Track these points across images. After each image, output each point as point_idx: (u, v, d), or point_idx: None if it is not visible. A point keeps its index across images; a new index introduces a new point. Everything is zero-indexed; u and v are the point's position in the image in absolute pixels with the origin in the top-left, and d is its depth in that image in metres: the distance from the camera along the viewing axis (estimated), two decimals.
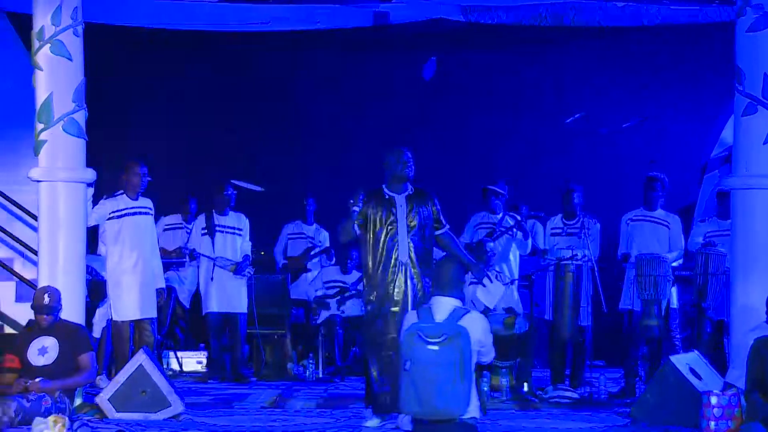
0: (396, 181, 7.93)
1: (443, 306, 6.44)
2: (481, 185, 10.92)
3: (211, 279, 10.75)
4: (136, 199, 9.40)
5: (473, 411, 6.34)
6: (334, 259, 11.58)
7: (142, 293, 9.28)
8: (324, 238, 11.69)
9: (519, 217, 10.74)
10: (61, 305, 7.99)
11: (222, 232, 10.80)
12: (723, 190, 9.62)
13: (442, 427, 6.27)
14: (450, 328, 6.26)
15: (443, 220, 8.00)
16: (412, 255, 7.77)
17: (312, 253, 11.56)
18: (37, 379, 7.68)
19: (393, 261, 7.76)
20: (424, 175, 8.58)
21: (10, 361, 7.91)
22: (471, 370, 6.26)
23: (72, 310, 8.19)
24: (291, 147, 13.01)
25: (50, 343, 7.88)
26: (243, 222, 10.93)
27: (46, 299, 7.91)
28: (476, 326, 6.37)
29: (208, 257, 10.70)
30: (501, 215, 10.80)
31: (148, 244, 9.40)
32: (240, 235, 10.87)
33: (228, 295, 10.76)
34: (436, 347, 6.18)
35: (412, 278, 7.75)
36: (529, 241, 10.70)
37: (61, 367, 7.82)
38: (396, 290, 7.75)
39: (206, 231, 10.76)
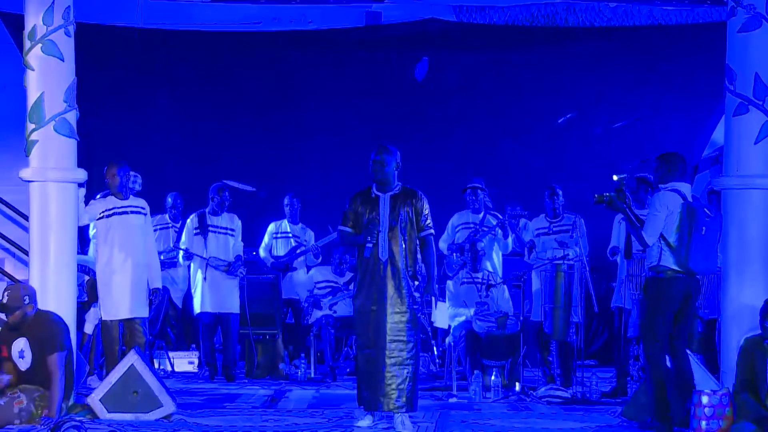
0: (374, 180, 7.90)
1: (689, 191, 7.70)
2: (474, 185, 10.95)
3: (204, 279, 10.75)
4: (126, 199, 9.36)
5: None
6: (320, 257, 11.57)
7: (132, 293, 9.22)
8: (310, 237, 11.69)
9: (501, 216, 10.77)
10: (27, 302, 7.77)
11: (215, 232, 10.80)
12: (714, 190, 9.63)
13: (696, 280, 7.68)
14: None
15: (425, 224, 7.83)
16: (395, 254, 7.73)
17: (298, 252, 11.56)
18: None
19: (375, 259, 7.75)
20: (416, 176, 8.58)
21: (4, 350, 7.85)
22: None
23: (63, 310, 8.15)
24: (282, 146, 13.00)
25: (25, 345, 7.78)
26: (236, 222, 10.93)
27: (5, 298, 7.75)
28: None
29: (201, 257, 10.69)
30: (483, 214, 10.82)
31: (138, 244, 9.33)
32: (232, 235, 10.89)
33: (221, 296, 10.76)
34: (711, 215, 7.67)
35: (393, 277, 7.73)
36: (509, 240, 10.73)
37: (39, 370, 7.70)
38: (376, 288, 7.74)
39: (199, 231, 10.76)
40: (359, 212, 7.87)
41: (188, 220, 10.90)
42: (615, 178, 8.51)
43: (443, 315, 10.32)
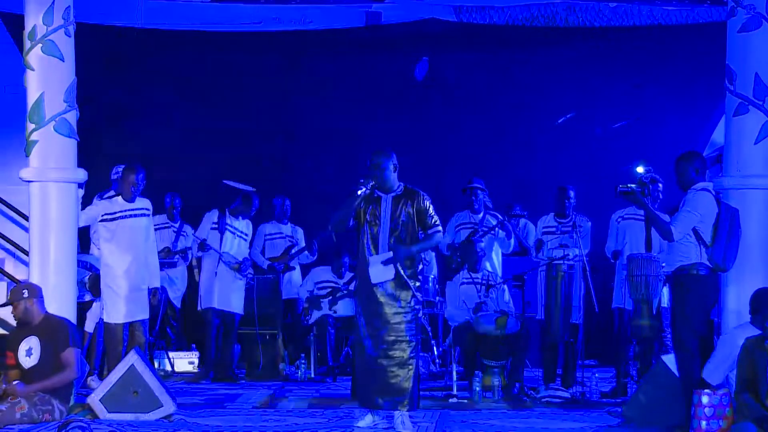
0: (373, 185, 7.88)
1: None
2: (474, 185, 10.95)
3: (215, 275, 10.73)
4: (132, 201, 9.33)
5: None
6: (316, 254, 11.57)
7: (135, 296, 9.22)
8: (301, 235, 11.72)
9: (501, 216, 10.76)
10: (26, 295, 7.83)
11: (232, 233, 10.82)
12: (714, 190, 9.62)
13: None
14: None
15: (432, 222, 7.76)
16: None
17: (293, 251, 11.57)
18: (15, 383, 7.65)
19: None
20: (416, 176, 8.56)
21: (10, 358, 7.88)
22: None
23: (63, 310, 8.17)
24: (281, 146, 13.01)
25: (35, 343, 7.81)
26: (249, 228, 10.99)
27: (8, 294, 7.90)
28: None
29: (216, 250, 10.68)
30: (482, 214, 10.82)
31: (142, 246, 9.30)
32: (245, 239, 10.92)
33: (229, 294, 10.77)
34: None
35: (393, 277, 7.70)
36: (512, 240, 10.72)
37: (45, 367, 7.73)
38: (376, 288, 7.71)
39: (216, 227, 10.76)
40: (362, 210, 7.82)
41: (209, 213, 10.84)
42: (640, 170, 8.55)
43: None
